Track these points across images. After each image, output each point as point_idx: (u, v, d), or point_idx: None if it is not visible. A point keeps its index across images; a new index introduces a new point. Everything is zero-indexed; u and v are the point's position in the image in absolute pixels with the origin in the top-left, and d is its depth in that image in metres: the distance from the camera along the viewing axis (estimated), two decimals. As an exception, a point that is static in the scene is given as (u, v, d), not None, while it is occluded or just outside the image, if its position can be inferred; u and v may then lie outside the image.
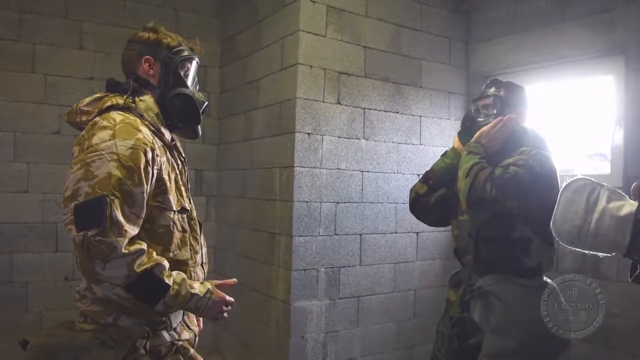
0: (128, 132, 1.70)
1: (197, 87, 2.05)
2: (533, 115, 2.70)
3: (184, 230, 1.89)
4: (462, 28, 4.38)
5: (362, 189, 3.81)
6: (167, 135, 1.92)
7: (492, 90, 2.57)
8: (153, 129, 1.84)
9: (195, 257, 1.92)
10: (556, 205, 1.47)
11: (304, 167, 3.55)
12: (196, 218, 1.99)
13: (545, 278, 2.38)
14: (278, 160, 3.71)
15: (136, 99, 1.85)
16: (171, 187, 1.84)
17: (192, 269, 1.90)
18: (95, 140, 1.66)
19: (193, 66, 2.02)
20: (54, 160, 3.94)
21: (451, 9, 4.31)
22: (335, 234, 3.69)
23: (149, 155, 1.71)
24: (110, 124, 1.70)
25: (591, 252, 1.47)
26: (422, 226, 4.09)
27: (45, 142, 3.95)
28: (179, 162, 1.97)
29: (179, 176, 1.92)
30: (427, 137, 4.16)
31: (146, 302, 1.69)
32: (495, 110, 2.51)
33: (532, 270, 2.35)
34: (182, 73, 1.96)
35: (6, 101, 3.85)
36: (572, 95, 3.92)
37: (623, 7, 3.42)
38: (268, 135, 3.88)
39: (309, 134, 3.57)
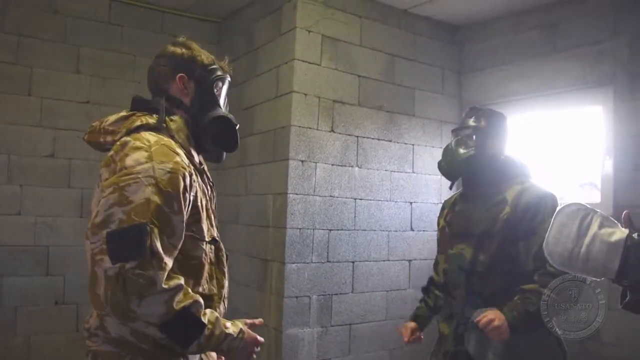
0: (165, 154, 1.54)
1: (228, 108, 1.89)
2: (515, 143, 2.68)
3: (211, 263, 1.73)
4: (455, 58, 4.46)
5: (354, 217, 3.83)
6: (197, 158, 1.77)
7: (471, 120, 2.54)
8: (184, 150, 1.68)
9: (221, 291, 1.77)
10: (549, 227, 1.49)
11: (297, 194, 3.57)
12: (224, 249, 1.83)
13: None
14: (272, 187, 3.72)
15: (167, 119, 1.70)
16: (203, 215, 1.68)
17: (217, 304, 1.73)
18: (129, 162, 1.49)
19: (225, 86, 1.87)
20: (48, 183, 3.94)
21: (444, 39, 4.39)
22: (328, 261, 3.69)
23: (187, 180, 1.56)
24: (144, 145, 1.54)
25: (581, 276, 1.49)
26: (415, 254, 4.13)
27: (39, 165, 3.95)
28: (209, 187, 1.81)
29: (209, 203, 1.76)
30: (420, 165, 4.19)
31: (180, 342, 1.52)
32: (475, 141, 2.48)
33: None
34: (218, 94, 1.83)
35: (2, 123, 3.86)
36: (563, 125, 3.97)
37: (610, 39, 3.51)
38: (262, 161, 3.90)
39: (302, 161, 3.60)
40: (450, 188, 2.69)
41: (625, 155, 3.38)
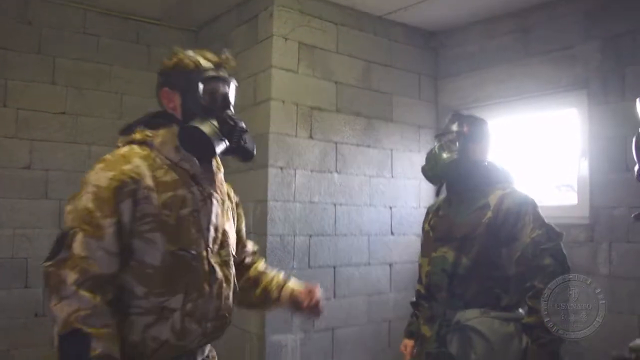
0: (116, 162, 1.62)
1: (230, 108, 1.83)
2: (496, 148, 2.72)
3: (180, 275, 1.65)
4: (430, 63, 4.50)
5: (335, 222, 3.84)
6: (195, 167, 1.74)
7: (454, 126, 2.58)
8: (168, 162, 1.70)
9: (187, 306, 1.66)
10: None
11: (277, 201, 3.57)
12: (211, 262, 1.74)
13: (520, 310, 2.42)
14: (252, 194, 3.72)
15: (152, 133, 1.74)
16: (173, 224, 1.64)
17: (183, 318, 1.66)
18: (90, 173, 1.62)
19: (218, 84, 1.80)
20: (24, 195, 3.89)
21: (420, 45, 4.43)
22: (309, 267, 3.70)
23: (130, 187, 1.58)
24: (108, 157, 1.65)
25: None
26: (395, 257, 4.15)
27: (15, 177, 3.89)
28: (204, 196, 1.75)
29: (198, 213, 1.71)
30: (399, 170, 4.22)
31: None
32: (458, 146, 2.52)
33: (511, 306, 2.38)
34: (207, 97, 1.76)
35: (-23, 136, 3.81)
36: (538, 128, 4.02)
37: (582, 44, 3.56)
38: (242, 169, 3.88)
39: (282, 168, 3.61)
40: (437, 194, 2.73)
41: (601, 157, 3.42)
